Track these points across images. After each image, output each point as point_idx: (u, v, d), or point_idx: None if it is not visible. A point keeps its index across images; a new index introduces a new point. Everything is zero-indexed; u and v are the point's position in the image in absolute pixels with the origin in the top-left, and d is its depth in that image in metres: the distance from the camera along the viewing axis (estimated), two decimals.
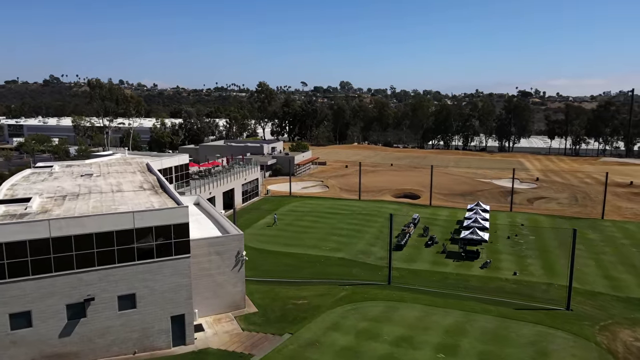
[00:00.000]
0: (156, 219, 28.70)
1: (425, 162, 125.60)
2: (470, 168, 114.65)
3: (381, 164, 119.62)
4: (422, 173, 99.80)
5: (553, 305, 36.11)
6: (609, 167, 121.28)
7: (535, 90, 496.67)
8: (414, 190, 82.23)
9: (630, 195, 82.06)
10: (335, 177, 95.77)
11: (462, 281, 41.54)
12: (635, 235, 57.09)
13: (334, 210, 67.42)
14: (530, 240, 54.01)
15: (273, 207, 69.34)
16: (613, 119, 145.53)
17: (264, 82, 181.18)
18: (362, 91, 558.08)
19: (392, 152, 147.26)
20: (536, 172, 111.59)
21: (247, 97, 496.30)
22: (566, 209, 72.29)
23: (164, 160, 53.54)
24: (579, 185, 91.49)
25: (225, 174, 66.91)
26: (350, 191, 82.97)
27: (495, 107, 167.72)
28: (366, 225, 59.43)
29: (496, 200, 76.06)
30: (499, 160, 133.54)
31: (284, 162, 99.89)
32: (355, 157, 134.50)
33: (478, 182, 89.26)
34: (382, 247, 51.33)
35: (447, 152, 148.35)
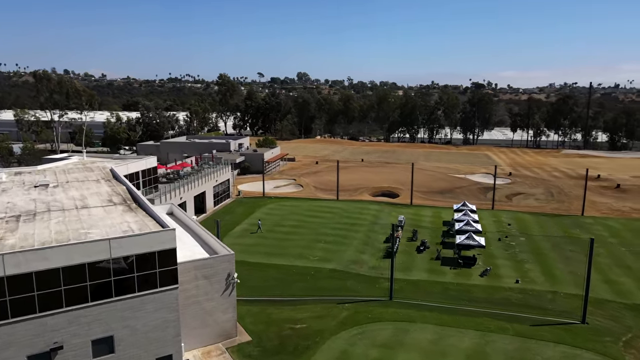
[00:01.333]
0: (137, 245, 24.02)
1: (395, 156, 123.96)
2: (441, 162, 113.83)
3: (351, 159, 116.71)
4: (396, 169, 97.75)
5: (566, 317, 34.15)
6: (572, 160, 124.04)
7: (487, 82, 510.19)
8: (392, 188, 79.75)
9: (600, 190, 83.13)
10: (307, 175, 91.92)
11: (465, 292, 39.02)
12: (620, 232, 56.87)
13: (314, 212, 63.68)
14: (521, 242, 52.47)
15: (248, 211, 64.80)
16: (571, 111, 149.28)
17: (225, 74, 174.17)
18: (320, 82, 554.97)
19: (359, 147, 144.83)
20: (505, 166, 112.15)
21: (203, 89, 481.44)
22: (545, 205, 71.92)
23: (130, 165, 47.89)
24: (550, 179, 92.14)
25: (196, 176, 61.62)
26: (326, 190, 79.44)
27: (459, 99, 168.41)
28: (351, 230, 56.12)
29: (476, 198, 74.75)
30: (466, 153, 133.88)
31: (253, 160, 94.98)
32: (324, 151, 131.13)
33: (454, 179, 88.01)
34: (373, 254, 48.25)
35: (415, 146, 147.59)
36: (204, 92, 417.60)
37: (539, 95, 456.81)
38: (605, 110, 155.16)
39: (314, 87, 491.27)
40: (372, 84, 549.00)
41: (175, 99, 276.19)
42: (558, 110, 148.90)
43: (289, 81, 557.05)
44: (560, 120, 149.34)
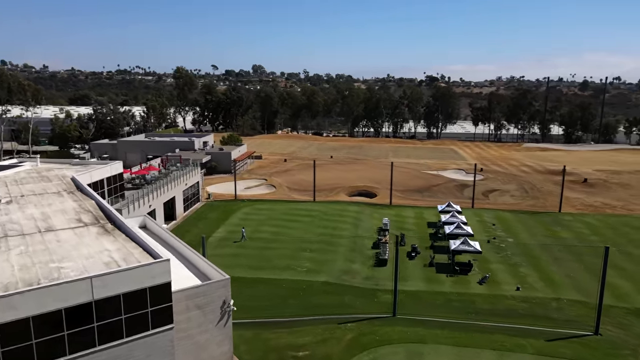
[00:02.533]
0: (125, 282, 20.01)
1: (363, 152, 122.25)
2: (410, 158, 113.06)
3: (320, 156, 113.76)
4: (368, 167, 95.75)
5: (577, 328, 32.83)
6: (534, 154, 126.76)
7: (441, 75, 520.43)
8: (368, 188, 77.51)
9: (569, 184, 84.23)
10: (278, 174, 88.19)
11: (469, 304, 37.08)
12: (600, 230, 57.12)
13: (293, 217, 60.29)
14: (510, 243, 51.44)
15: (221, 216, 60.57)
16: (530, 106, 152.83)
17: (182, 67, 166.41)
18: (276, 75, 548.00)
19: (325, 142, 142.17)
20: (472, 160, 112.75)
21: (155, 81, 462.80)
22: (521, 202, 71.93)
23: (93, 172, 42.69)
24: (519, 174, 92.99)
25: (164, 181, 56.64)
26: (300, 191, 76.15)
27: (423, 93, 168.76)
28: (335, 236, 53.22)
29: (453, 196, 73.78)
30: (433, 148, 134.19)
31: (220, 159, 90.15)
32: (290, 148, 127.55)
33: (429, 176, 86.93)
34: (363, 263, 45.61)
35: (381, 141, 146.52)
36: (157, 86, 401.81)
37: (489, 88, 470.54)
38: (562, 105, 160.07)
39: (270, 80, 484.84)
40: (328, 77, 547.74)
41: (128, 92, 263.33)
42: (518, 105, 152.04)
43: (244, 74, 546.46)
44: (520, 114, 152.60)
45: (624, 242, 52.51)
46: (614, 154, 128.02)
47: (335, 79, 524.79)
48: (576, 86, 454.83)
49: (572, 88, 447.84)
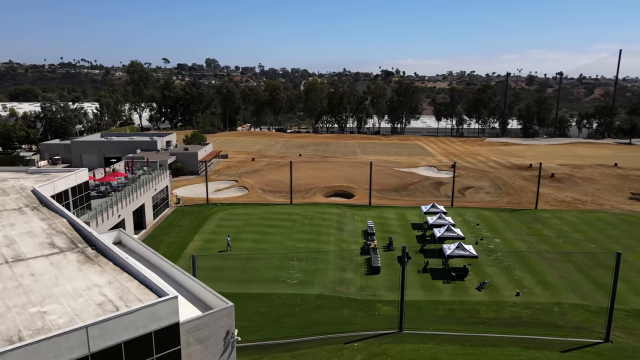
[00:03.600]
0: (127, 328, 16.73)
1: (331, 149, 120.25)
2: (379, 155, 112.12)
3: (288, 154, 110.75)
4: (340, 164, 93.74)
5: (587, 335, 32.09)
6: (497, 148, 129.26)
7: (396, 69, 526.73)
8: (345, 188, 75.47)
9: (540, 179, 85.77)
10: (248, 174, 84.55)
11: (473, 313, 35.74)
12: (579, 226, 57.72)
13: (272, 221, 57.31)
14: (498, 243, 50.88)
15: (195, 223, 56.74)
16: (490, 101, 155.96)
17: (137, 61, 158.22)
18: (230, 69, 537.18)
19: (290, 139, 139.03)
20: (440, 156, 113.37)
21: (102, 75, 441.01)
22: (497, 199, 72.18)
23: (57, 182, 38.01)
24: (489, 170, 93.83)
25: (133, 187, 52.09)
26: (274, 192, 73.10)
27: (386, 88, 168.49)
28: (321, 241, 50.82)
29: (431, 194, 73.08)
30: (399, 144, 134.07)
31: (186, 159, 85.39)
32: (255, 146, 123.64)
33: (402, 174, 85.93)
34: (355, 271, 43.48)
35: (347, 137, 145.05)
36: (105, 80, 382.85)
37: (443, 83, 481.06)
38: (519, 100, 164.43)
39: (225, 74, 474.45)
40: (284, 71, 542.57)
41: (74, 87, 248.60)
42: (479, 100, 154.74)
43: (197, 68, 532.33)
44: (481, 109, 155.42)
45: (603, 239, 53.18)
46: (570, 147, 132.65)
47: (291, 73, 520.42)
48: (523, 80, 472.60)
49: (519, 82, 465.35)
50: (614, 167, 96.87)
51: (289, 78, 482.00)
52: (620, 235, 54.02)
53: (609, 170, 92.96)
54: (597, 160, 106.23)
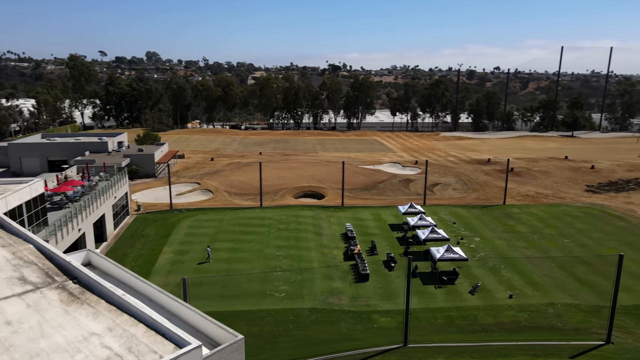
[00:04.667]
0: None
1: (290, 146, 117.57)
2: (340, 152, 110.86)
3: (247, 152, 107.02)
4: (304, 163, 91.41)
5: (588, 338, 32.09)
6: (453, 143, 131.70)
7: (342, 63, 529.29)
8: (314, 188, 73.32)
9: (499, 174, 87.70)
10: (210, 176, 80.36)
11: (472, 320, 34.88)
12: (549, 221, 58.88)
13: (245, 227, 54.23)
14: (478, 242, 50.72)
15: (161, 232, 52.64)
16: (443, 96, 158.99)
17: (77, 55, 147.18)
18: (173, 62, 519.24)
19: (247, 136, 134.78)
20: (399, 151, 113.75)
21: (32, 69, 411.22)
22: (466, 196, 72.75)
23: (9, 197, 33.20)
24: (450, 165, 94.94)
25: (91, 196, 47.20)
26: (241, 195, 69.72)
27: (341, 83, 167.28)
28: (300, 247, 48.47)
29: (401, 192, 72.54)
30: (357, 140, 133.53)
31: (142, 161, 79.86)
32: (212, 144, 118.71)
33: (369, 171, 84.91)
34: (343, 279, 41.58)
35: (304, 133, 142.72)
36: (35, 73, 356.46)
37: (389, 77, 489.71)
38: (470, 95, 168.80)
39: (168, 68, 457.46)
40: (229, 65, 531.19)
41: (2, 82, 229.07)
42: (432, 95, 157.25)
43: (137, 61, 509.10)
44: (434, 104, 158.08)
45: (574, 233, 54.47)
46: (520, 140, 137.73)
47: (237, 67, 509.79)
48: (464, 75, 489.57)
49: (461, 77, 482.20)
50: (565, 160, 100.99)
51: (235, 72, 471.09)
52: (589, 229, 55.57)
53: (561, 163, 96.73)
54: (547, 153, 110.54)
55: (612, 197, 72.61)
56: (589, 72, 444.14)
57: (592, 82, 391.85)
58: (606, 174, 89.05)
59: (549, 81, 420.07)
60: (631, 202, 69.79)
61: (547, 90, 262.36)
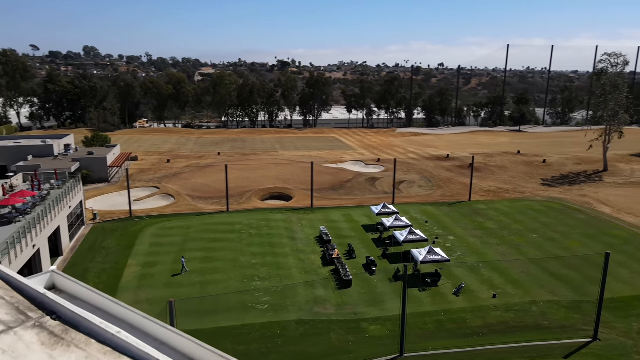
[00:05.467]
0: None
1: (249, 146, 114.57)
2: (299, 150, 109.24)
3: (204, 153, 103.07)
4: (267, 163, 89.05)
5: (575, 335, 32.59)
6: (410, 139, 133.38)
7: (291, 59, 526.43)
8: (280, 189, 71.35)
9: (459, 170, 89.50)
10: (168, 179, 76.37)
11: (461, 322, 34.55)
12: (515, 217, 60.24)
13: (213, 234, 51.59)
14: (453, 241, 50.89)
15: (123, 243, 49.05)
16: (397, 93, 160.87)
17: (10, 50, 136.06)
18: (113, 58, 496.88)
19: (202, 136, 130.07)
20: (360, 148, 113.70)
21: None
22: (432, 193, 73.36)
23: None
24: (412, 162, 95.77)
25: (44, 207, 42.94)
26: (205, 199, 66.62)
27: (297, 80, 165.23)
28: (277, 254, 46.57)
29: (369, 191, 72.05)
30: (316, 137, 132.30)
31: (93, 165, 74.57)
32: (166, 145, 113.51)
33: (333, 170, 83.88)
34: (325, 286, 40.21)
35: (261, 132, 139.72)
36: None
37: (337, 73, 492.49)
38: (424, 91, 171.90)
39: (108, 63, 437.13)
40: (174, 61, 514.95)
41: None
42: (387, 91, 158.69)
43: (73, 56, 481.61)
44: (389, 100, 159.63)
45: (540, 228, 55.95)
46: (472, 136, 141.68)
47: (183, 63, 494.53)
48: (410, 71, 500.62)
49: (407, 73, 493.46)
50: (518, 154, 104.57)
51: (181, 68, 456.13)
52: (553, 223, 57.30)
53: (515, 158, 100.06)
54: (500, 147, 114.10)
55: (567, 191, 75.66)
56: (524, 69, 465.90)
57: (529, 78, 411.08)
58: (557, 167, 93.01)
59: (489, 77, 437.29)
60: (585, 194, 72.97)
61: (488, 86, 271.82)
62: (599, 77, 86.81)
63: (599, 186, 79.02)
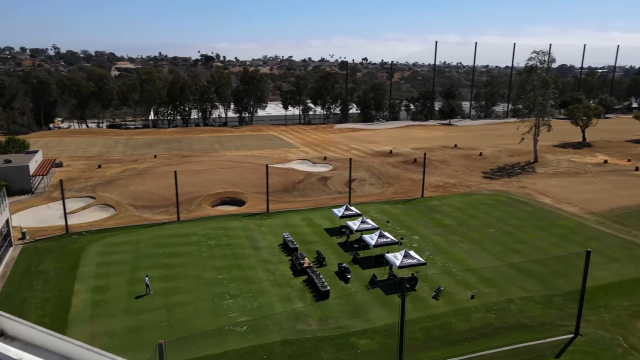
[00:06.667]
0: None
1: (186, 146, 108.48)
2: (240, 150, 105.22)
3: (139, 156, 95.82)
4: (211, 165, 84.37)
5: (557, 332, 33.21)
6: (349, 135, 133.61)
7: (216, 54, 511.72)
8: (231, 194, 67.57)
9: (406, 165, 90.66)
10: (103, 187, 69.61)
11: (447, 328, 34.03)
12: (469, 211, 61.58)
13: (168, 247, 47.32)
14: (419, 241, 50.72)
15: (63, 265, 43.51)
16: (333, 88, 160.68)
17: None
18: (15, 51, 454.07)
19: (132, 137, 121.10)
20: (302, 146, 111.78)
21: None
22: (384, 191, 73.30)
23: None
24: (358, 160, 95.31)
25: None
26: (150, 208, 61.40)
27: (230, 77, 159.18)
28: (243, 266, 43.52)
29: (322, 192, 70.45)
30: (254, 135, 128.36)
31: (13, 175, 66.16)
32: (92, 148, 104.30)
33: (282, 171, 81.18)
34: (301, 298, 38.09)
35: (196, 131, 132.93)
36: None
37: (264, 67, 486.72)
38: (358, 86, 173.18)
39: (9, 57, 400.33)
40: (86, 54, 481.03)
41: None
42: (323, 87, 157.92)
43: None
44: (325, 96, 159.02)
45: (495, 222, 57.55)
46: (408, 130, 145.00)
47: (96, 57, 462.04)
48: (336, 65, 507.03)
49: (333, 67, 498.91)
50: (455, 148, 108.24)
51: (95, 62, 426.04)
52: (505, 217, 59.22)
53: (454, 152, 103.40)
54: (437, 141, 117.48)
55: (507, 183, 79.10)
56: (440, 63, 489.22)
57: (445, 73, 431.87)
58: (493, 160, 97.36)
59: (411, 72, 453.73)
60: (524, 186, 76.67)
61: (410, 80, 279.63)
62: (529, 73, 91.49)
63: (533, 177, 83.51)
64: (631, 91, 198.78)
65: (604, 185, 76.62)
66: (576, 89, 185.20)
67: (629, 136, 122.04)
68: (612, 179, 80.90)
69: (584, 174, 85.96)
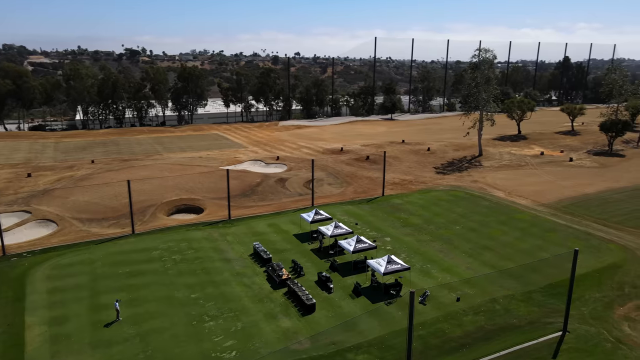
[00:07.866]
0: None
1: (126, 149, 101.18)
2: (186, 151, 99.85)
3: (73, 160, 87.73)
4: (159, 170, 79.01)
5: (546, 331, 33.72)
6: (295, 132, 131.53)
7: (142, 48, 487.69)
8: (187, 200, 63.32)
9: (359, 163, 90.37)
10: (39, 199, 62.58)
11: (441, 335, 33.42)
12: (432, 209, 62.03)
13: (129, 266, 43.04)
14: (392, 243, 50.07)
15: (7, 294, 38.37)
16: (275, 85, 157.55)
17: None
18: None
19: (61, 139, 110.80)
20: (251, 146, 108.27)
21: None
22: (343, 190, 72.31)
23: None
24: (309, 158, 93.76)
25: None
26: (98, 220, 55.98)
27: (167, 74, 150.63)
28: (216, 282, 40.47)
29: (282, 194, 68.11)
30: (197, 135, 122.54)
31: None
32: (17, 154, 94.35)
33: (238, 174, 77.34)
34: (287, 314, 35.95)
35: (132, 131, 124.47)
36: None
37: (194, 62, 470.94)
38: (300, 82, 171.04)
39: None
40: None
41: None
42: (264, 83, 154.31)
43: None
44: (267, 92, 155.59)
45: (459, 219, 58.33)
46: (352, 126, 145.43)
47: (5, 51, 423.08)
48: (269, 60, 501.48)
49: (266, 62, 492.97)
50: (403, 143, 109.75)
51: (4, 56, 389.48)
52: (467, 213, 60.28)
53: (403, 147, 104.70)
54: (384, 137, 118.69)
55: (459, 177, 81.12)
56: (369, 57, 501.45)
57: (377, 67, 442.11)
58: (441, 154, 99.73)
59: (343, 66, 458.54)
60: (476, 180, 78.96)
61: (342, 74, 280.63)
62: (474, 70, 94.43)
63: (482, 171, 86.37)
64: (551, 85, 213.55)
65: (546, 177, 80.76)
66: (504, 83, 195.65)
67: (557, 128, 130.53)
68: (552, 170, 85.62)
69: (525, 166, 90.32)
